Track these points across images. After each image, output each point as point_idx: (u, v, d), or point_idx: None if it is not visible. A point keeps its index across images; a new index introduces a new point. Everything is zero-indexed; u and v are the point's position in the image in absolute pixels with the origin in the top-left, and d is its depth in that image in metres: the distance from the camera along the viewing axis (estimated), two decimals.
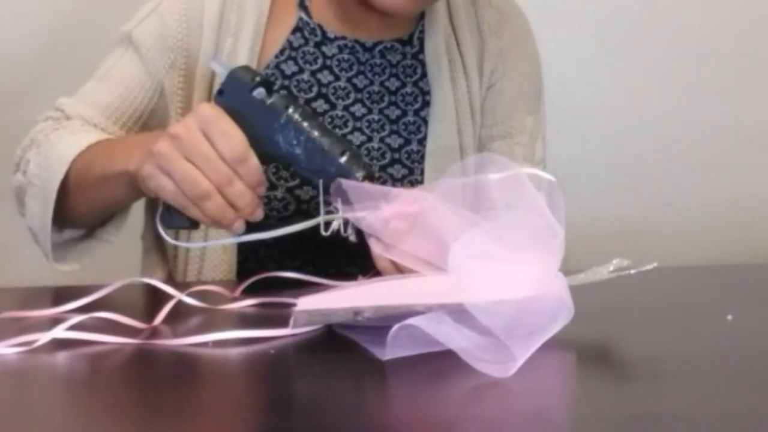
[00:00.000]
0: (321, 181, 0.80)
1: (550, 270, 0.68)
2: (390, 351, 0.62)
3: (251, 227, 0.81)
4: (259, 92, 0.81)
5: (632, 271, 0.73)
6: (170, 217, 0.83)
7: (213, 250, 1.02)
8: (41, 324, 0.72)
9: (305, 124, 0.80)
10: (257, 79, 0.82)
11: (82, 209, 0.97)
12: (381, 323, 0.66)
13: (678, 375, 0.62)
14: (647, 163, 1.81)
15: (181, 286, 0.83)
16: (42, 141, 0.99)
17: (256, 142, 0.79)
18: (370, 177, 0.80)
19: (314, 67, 1.06)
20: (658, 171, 1.82)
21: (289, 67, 1.05)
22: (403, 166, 1.07)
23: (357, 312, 0.68)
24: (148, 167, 0.81)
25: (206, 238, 0.99)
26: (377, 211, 0.76)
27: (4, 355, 0.65)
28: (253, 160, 0.79)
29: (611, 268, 0.72)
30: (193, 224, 0.83)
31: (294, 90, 1.05)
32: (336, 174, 0.79)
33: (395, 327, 0.62)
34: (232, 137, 0.78)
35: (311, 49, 1.06)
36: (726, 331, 0.73)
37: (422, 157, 1.08)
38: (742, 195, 1.86)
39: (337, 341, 0.69)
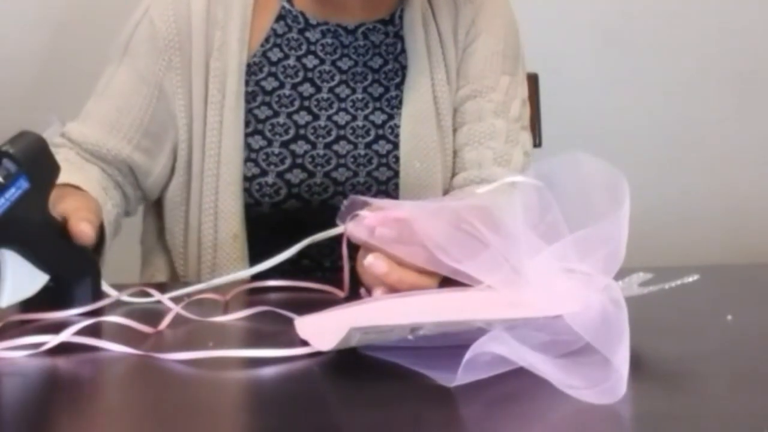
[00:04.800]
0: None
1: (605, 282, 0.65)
2: (462, 376, 0.56)
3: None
4: None
5: (667, 286, 0.72)
6: None
7: (223, 243, 1.04)
8: (49, 327, 0.72)
9: None
10: None
11: None
12: (430, 343, 0.63)
13: (678, 375, 0.62)
14: (647, 164, 1.81)
15: (182, 290, 0.83)
16: None
17: None
18: None
19: (299, 53, 1.09)
20: (658, 171, 1.82)
21: (275, 54, 1.08)
22: (388, 141, 1.09)
23: (414, 328, 0.62)
24: None
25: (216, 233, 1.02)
26: (362, 221, 0.74)
27: (12, 358, 0.66)
28: None
29: (639, 282, 0.70)
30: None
31: (281, 75, 1.08)
32: None
33: (472, 352, 0.56)
34: None
35: (295, 36, 1.09)
36: (726, 331, 0.73)
37: None
38: (742, 195, 1.86)
39: (371, 364, 0.63)
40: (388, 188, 1.09)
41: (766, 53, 1.85)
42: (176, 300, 0.80)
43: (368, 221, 0.74)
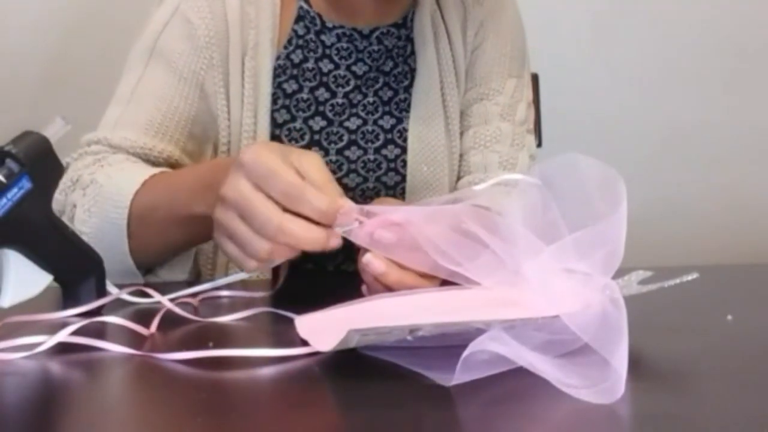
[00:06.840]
0: None
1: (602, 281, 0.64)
2: (459, 375, 0.56)
3: None
4: None
5: (667, 284, 0.71)
6: None
7: None
8: (46, 327, 0.72)
9: None
10: None
11: (148, 250, 0.94)
12: (429, 343, 0.63)
13: (678, 375, 0.62)
14: (647, 164, 1.81)
15: (173, 291, 0.83)
16: (87, 182, 0.96)
17: None
18: None
19: (316, 56, 1.08)
20: (658, 171, 1.83)
21: (297, 56, 1.08)
22: (396, 146, 1.10)
23: (413, 330, 0.62)
24: None
25: None
26: (361, 226, 0.73)
27: (9, 358, 0.65)
28: None
29: (639, 279, 0.70)
30: None
31: (300, 78, 1.07)
32: None
33: (469, 351, 0.56)
34: None
35: (313, 38, 1.08)
36: (726, 331, 0.73)
37: None
38: (742, 195, 1.86)
39: (371, 364, 0.63)
40: (396, 193, 1.09)
41: (765, 52, 1.86)
42: (175, 300, 0.80)
43: (367, 228, 0.74)
